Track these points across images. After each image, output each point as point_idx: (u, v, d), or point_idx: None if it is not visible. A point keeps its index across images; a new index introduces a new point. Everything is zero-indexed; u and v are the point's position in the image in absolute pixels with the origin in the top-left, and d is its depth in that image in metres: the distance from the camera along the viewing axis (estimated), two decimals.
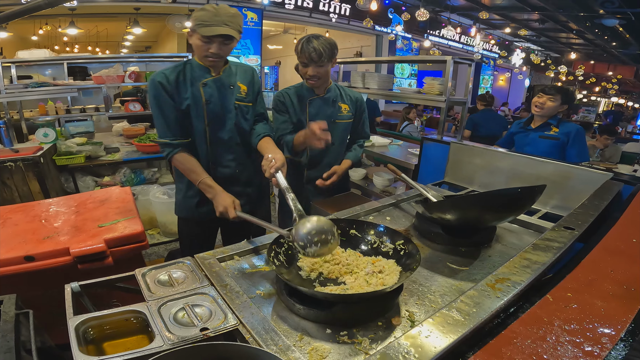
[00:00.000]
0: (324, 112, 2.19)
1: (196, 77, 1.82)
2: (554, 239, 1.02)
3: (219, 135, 1.91)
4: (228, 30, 1.67)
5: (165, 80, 1.78)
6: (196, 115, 1.84)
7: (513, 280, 0.80)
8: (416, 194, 1.97)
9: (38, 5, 2.25)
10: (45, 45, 10.38)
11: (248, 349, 0.80)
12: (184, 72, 1.82)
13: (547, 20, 10.41)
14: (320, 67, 2.02)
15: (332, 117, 2.20)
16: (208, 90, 1.83)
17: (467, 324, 0.66)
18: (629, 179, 1.78)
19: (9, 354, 1.02)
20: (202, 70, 1.83)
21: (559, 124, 2.86)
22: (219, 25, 1.65)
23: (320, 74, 2.06)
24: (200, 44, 1.72)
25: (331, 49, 1.98)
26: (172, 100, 1.80)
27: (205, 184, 1.80)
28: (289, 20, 9.75)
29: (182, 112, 1.82)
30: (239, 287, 1.15)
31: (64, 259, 1.55)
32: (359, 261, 1.26)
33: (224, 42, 1.73)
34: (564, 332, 0.69)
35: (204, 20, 1.65)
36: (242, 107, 1.94)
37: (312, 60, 1.97)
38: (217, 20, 1.65)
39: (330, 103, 2.21)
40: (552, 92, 2.82)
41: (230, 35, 1.68)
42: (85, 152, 3.44)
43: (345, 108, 2.25)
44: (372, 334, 1.02)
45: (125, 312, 1.05)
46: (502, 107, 14.99)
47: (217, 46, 1.72)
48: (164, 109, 1.80)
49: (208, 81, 1.83)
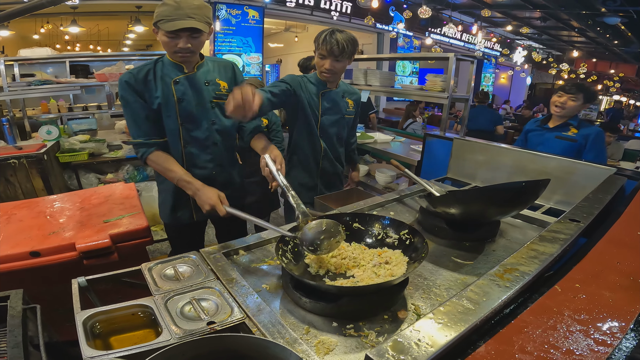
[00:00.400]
0: (337, 106, 2.18)
1: (168, 74, 1.74)
2: (560, 231, 1.02)
3: (194, 135, 1.81)
4: (193, 23, 1.58)
5: (133, 79, 1.70)
6: (169, 115, 1.76)
7: (521, 271, 0.80)
8: (419, 189, 1.98)
9: (40, 3, 2.25)
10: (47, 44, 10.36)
11: (256, 340, 0.80)
12: (154, 70, 1.74)
13: (548, 18, 10.39)
14: (338, 62, 2.00)
15: (343, 112, 2.21)
16: (180, 88, 1.74)
17: (478, 313, 0.66)
18: (632, 174, 1.78)
19: (16, 349, 1.02)
20: (174, 68, 1.75)
21: (579, 125, 2.66)
22: (182, 18, 1.56)
23: (336, 69, 2.03)
24: (167, 40, 1.63)
25: (353, 46, 1.98)
26: (142, 99, 1.72)
27: (184, 181, 1.69)
28: (290, 18, 9.74)
29: (154, 111, 1.74)
30: (245, 281, 1.15)
31: (69, 254, 1.56)
32: (365, 254, 1.26)
33: (192, 36, 1.63)
34: (575, 321, 0.69)
35: (166, 15, 1.57)
36: (221, 104, 1.82)
37: (332, 53, 1.95)
38: (180, 13, 1.56)
39: (341, 98, 2.20)
40: (574, 90, 2.62)
41: (196, 28, 1.59)
42: (89, 149, 3.45)
43: (351, 104, 2.26)
44: (378, 327, 1.02)
45: (133, 307, 1.05)
46: (504, 105, 14.97)
47: (185, 41, 1.62)
48: (134, 108, 1.72)
49: (180, 79, 1.74)
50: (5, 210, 1.89)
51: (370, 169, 3.61)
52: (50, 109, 4.36)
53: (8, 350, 1.03)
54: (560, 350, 0.62)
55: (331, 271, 1.22)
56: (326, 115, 2.15)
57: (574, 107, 2.64)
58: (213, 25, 1.77)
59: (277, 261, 1.31)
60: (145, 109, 1.73)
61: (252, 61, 8.47)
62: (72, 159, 3.37)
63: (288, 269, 1.10)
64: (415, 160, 3.01)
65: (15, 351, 1.02)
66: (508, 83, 18.44)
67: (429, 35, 11.82)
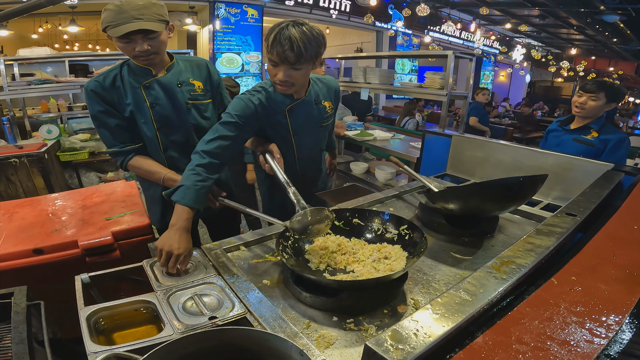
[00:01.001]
0: (310, 118, 1.73)
1: (136, 79, 1.62)
2: (556, 225, 1.03)
3: (173, 139, 1.71)
4: (141, 24, 1.46)
5: (100, 87, 1.57)
6: (144, 122, 1.65)
7: (518, 263, 0.81)
8: (419, 185, 1.99)
9: (39, 3, 2.26)
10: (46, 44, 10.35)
11: (257, 333, 0.82)
12: (121, 75, 1.62)
13: (547, 16, 10.38)
14: (296, 70, 1.48)
15: (320, 122, 1.78)
16: (152, 92, 1.63)
17: (475, 304, 0.67)
18: (629, 169, 1.79)
19: (21, 345, 1.03)
20: (143, 72, 1.63)
21: (601, 128, 2.40)
22: (128, 21, 1.45)
23: (294, 79, 1.51)
24: (122, 46, 1.52)
25: (316, 46, 1.45)
26: (112, 107, 1.61)
27: (170, 180, 1.61)
28: (290, 16, 9.70)
29: (126, 118, 1.64)
30: (246, 277, 1.17)
31: (72, 251, 1.57)
32: (365, 249, 1.28)
33: (147, 37, 1.51)
34: (571, 313, 0.70)
35: (110, 21, 1.45)
36: (198, 105, 1.74)
37: (286, 60, 1.43)
38: (125, 17, 1.44)
39: (313, 106, 1.73)
40: (594, 89, 2.34)
41: (146, 29, 1.47)
42: (89, 148, 3.46)
43: (329, 106, 1.81)
44: (378, 321, 1.03)
45: (135, 302, 1.06)
46: (503, 103, 14.97)
47: (141, 43, 1.50)
48: (104, 118, 1.61)
49: (150, 82, 1.63)
50: (7, 208, 1.90)
51: (370, 167, 3.62)
52: (50, 108, 4.37)
53: (13, 346, 1.04)
54: (557, 341, 0.63)
55: (331, 266, 1.24)
56: (300, 133, 1.74)
57: (596, 107, 2.37)
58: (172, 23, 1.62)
59: (278, 257, 1.33)
60: (117, 118, 1.62)
61: (251, 60, 8.46)
62: (73, 157, 3.39)
63: (289, 264, 1.11)
64: (414, 157, 3.02)
65: (20, 347, 1.03)
66: (507, 81, 18.42)
67: (428, 33, 11.81)
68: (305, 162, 1.83)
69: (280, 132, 1.69)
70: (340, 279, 1.14)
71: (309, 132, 1.75)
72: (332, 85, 1.83)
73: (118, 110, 1.62)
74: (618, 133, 2.40)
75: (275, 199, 1.95)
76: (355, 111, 5.58)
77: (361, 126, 4.18)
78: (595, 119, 2.43)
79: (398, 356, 0.56)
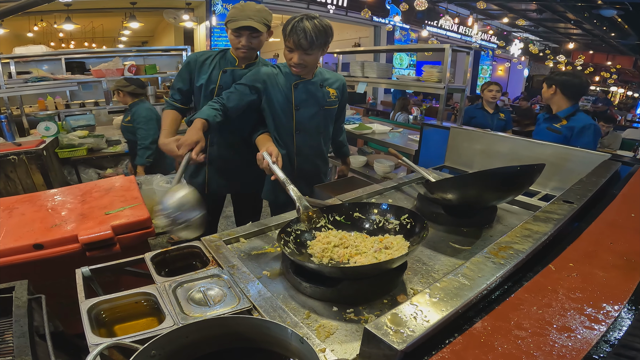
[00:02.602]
0: (314, 97, 1.96)
1: (222, 64, 2.08)
2: (553, 212, 1.04)
3: None
4: (252, 23, 1.89)
5: (194, 58, 2.11)
6: (205, 96, 2.06)
7: (516, 249, 0.82)
8: (417, 177, 1.99)
9: (34, 1, 2.26)
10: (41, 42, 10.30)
11: (257, 321, 0.82)
12: (214, 58, 2.10)
13: (544, 10, 10.38)
14: (308, 55, 1.79)
15: (322, 103, 1.99)
16: (225, 77, 2.05)
17: (474, 288, 0.68)
18: (627, 160, 1.80)
19: (22, 338, 1.04)
20: (230, 60, 2.08)
21: (569, 117, 2.65)
22: (243, 19, 1.88)
23: (306, 62, 1.82)
24: (232, 38, 1.98)
25: (325, 36, 1.76)
26: (190, 75, 2.10)
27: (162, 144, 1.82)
28: (287, 12, 9.69)
29: (196, 87, 2.10)
30: (246, 268, 1.17)
31: (72, 246, 1.57)
32: (367, 242, 1.27)
33: (252, 35, 1.95)
34: (569, 299, 0.71)
35: (232, 16, 1.91)
36: None
37: (300, 46, 1.74)
38: (243, 15, 1.89)
39: (318, 87, 1.97)
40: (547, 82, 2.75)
41: (253, 27, 1.89)
42: (88, 144, 3.46)
43: (333, 93, 2.03)
44: (378, 311, 1.04)
45: (136, 295, 1.06)
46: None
47: (246, 39, 1.95)
48: (180, 77, 2.12)
49: (228, 70, 2.06)
50: (7, 204, 1.90)
51: (369, 160, 3.63)
52: (48, 106, 4.36)
53: (14, 340, 1.04)
54: (556, 327, 0.64)
55: (334, 259, 1.24)
56: (302, 108, 1.95)
57: (549, 98, 2.76)
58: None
59: (278, 249, 1.33)
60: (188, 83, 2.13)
61: None
62: (72, 154, 3.38)
63: (293, 258, 1.11)
64: (412, 149, 3.03)
65: (21, 341, 1.03)
66: (505, 75, 18.42)
67: (425, 27, 11.80)
68: (303, 138, 2.01)
69: (284, 105, 1.93)
70: (341, 267, 1.15)
71: (310, 108, 1.97)
72: (339, 78, 2.09)
73: (193, 79, 2.11)
74: (585, 121, 2.61)
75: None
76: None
77: (359, 120, 4.18)
78: (563, 109, 2.70)
79: (397, 339, 0.56)
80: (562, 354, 0.58)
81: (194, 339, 0.80)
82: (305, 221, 1.34)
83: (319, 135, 2.06)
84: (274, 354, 0.80)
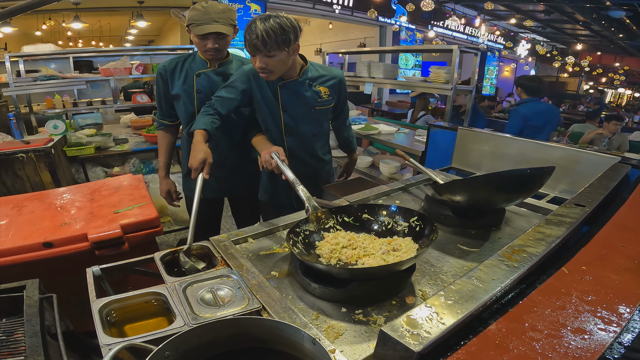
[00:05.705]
0: (302, 98, 1.82)
1: (193, 68, 2.00)
2: (565, 215, 1.03)
3: None
4: (218, 27, 1.82)
5: (163, 69, 2.02)
6: (185, 102, 2.03)
7: (529, 252, 0.82)
8: (424, 178, 1.99)
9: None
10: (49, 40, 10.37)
11: (270, 322, 0.82)
12: (183, 63, 2.02)
13: (552, 11, 10.31)
14: (270, 57, 1.60)
15: (311, 105, 1.85)
16: (200, 81, 1.99)
17: (488, 291, 0.68)
18: (636, 162, 1.78)
19: (34, 338, 1.04)
20: (201, 63, 2.00)
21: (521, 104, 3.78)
22: (208, 23, 1.80)
23: (271, 65, 1.63)
24: (197, 41, 1.89)
25: (281, 32, 1.54)
26: (165, 86, 2.04)
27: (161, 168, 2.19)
28: (293, 12, 9.70)
29: (172, 96, 2.05)
30: (255, 268, 1.17)
31: (82, 244, 1.58)
32: (375, 243, 1.27)
33: (219, 38, 1.87)
34: (582, 302, 0.71)
35: (195, 19, 1.81)
36: None
37: (255, 48, 1.56)
38: (207, 18, 1.80)
39: (306, 87, 1.82)
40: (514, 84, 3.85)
41: (221, 32, 1.83)
42: (95, 143, 3.47)
43: (325, 92, 1.87)
44: (386, 312, 1.04)
45: (146, 295, 1.06)
46: (508, 98, 14.89)
47: (213, 42, 1.87)
48: (158, 92, 2.09)
49: (202, 72, 1.99)
50: (16, 202, 1.91)
51: (375, 160, 3.62)
52: (55, 104, 4.38)
53: (26, 339, 1.04)
54: (570, 329, 0.64)
55: (342, 261, 1.23)
56: (290, 110, 1.84)
57: (519, 94, 3.81)
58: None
59: (286, 249, 1.33)
60: (165, 94, 2.08)
61: None
62: (79, 152, 3.40)
63: (302, 258, 1.11)
64: (419, 150, 3.02)
65: (33, 340, 1.03)
66: (512, 76, 18.32)
67: (432, 28, 11.76)
68: (294, 141, 1.92)
69: (271, 107, 1.84)
70: (350, 268, 1.15)
71: (298, 110, 1.86)
72: (335, 75, 1.92)
73: (169, 88, 2.05)
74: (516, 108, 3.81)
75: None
76: None
77: (365, 120, 4.17)
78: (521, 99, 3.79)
79: (414, 341, 0.56)
80: (576, 355, 0.58)
81: (206, 340, 0.80)
82: (314, 222, 1.34)
83: (313, 137, 1.95)
84: (286, 355, 0.80)
